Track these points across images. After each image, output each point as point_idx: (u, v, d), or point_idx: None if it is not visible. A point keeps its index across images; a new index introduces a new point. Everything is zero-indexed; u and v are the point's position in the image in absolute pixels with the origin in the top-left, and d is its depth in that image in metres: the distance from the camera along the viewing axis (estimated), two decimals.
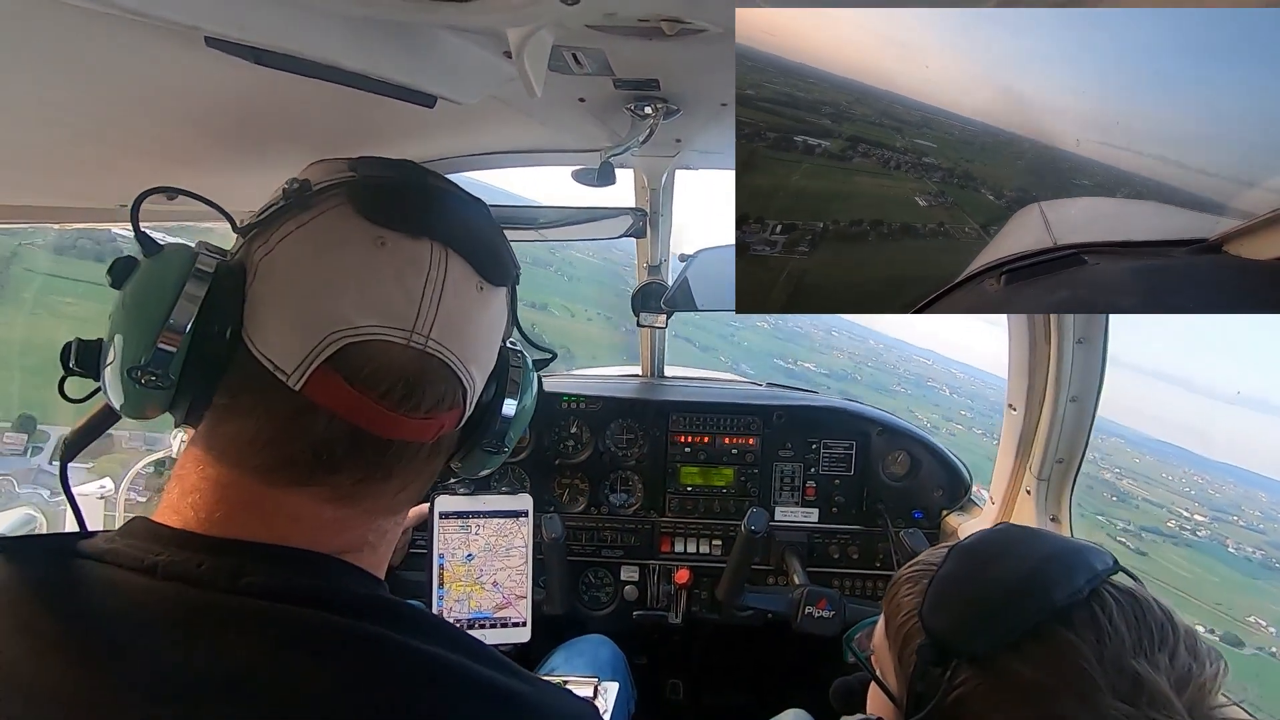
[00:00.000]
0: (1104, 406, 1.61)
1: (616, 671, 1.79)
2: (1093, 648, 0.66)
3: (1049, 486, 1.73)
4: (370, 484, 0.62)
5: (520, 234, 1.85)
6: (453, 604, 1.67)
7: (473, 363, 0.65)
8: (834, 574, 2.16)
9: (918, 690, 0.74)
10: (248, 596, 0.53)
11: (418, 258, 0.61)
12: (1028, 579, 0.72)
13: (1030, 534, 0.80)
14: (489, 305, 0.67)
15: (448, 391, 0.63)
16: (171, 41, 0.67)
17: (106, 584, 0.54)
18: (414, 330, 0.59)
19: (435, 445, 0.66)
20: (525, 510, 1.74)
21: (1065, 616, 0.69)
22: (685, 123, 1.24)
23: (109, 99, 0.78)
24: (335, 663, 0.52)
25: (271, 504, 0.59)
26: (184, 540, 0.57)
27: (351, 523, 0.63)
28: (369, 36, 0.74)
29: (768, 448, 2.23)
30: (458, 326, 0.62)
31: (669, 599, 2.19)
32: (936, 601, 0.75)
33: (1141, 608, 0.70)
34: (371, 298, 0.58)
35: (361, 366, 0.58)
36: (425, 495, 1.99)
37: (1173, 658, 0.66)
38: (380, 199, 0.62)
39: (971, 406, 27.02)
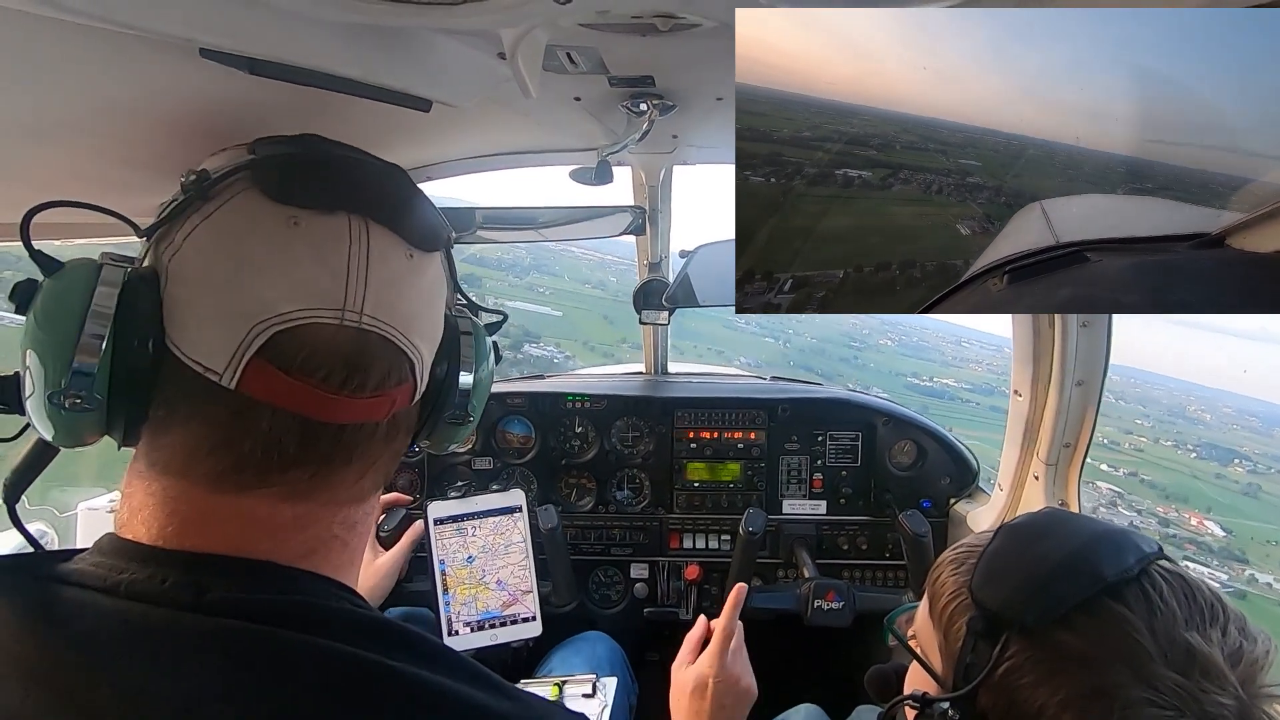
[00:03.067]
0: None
1: (614, 666, 1.79)
2: (1144, 620, 0.66)
3: (1056, 471, 1.73)
4: (328, 475, 0.60)
5: (520, 234, 1.85)
6: (460, 608, 1.68)
7: (415, 334, 0.63)
8: (844, 565, 2.16)
9: (966, 663, 0.73)
10: (210, 615, 0.51)
11: (336, 233, 0.58)
12: (1078, 554, 0.72)
13: (1077, 516, 0.81)
14: (423, 272, 0.64)
15: (393, 366, 0.61)
16: (166, 53, 0.67)
17: (74, 606, 0.52)
18: (345, 308, 0.57)
19: (392, 425, 0.64)
20: (518, 505, 1.73)
21: (1116, 591, 0.69)
22: (681, 118, 1.24)
23: (104, 112, 0.77)
24: (297, 683, 0.50)
25: (225, 512, 0.57)
26: (147, 555, 0.55)
27: (313, 518, 0.60)
28: (362, 43, 0.74)
29: (773, 441, 2.22)
30: (392, 298, 0.60)
31: (679, 595, 2.19)
32: (986, 576, 0.75)
33: (1191, 587, 0.70)
34: (294, 280, 0.56)
35: (295, 353, 0.55)
36: (395, 485, 2.00)
37: (1224, 633, 0.66)
38: (286, 178, 0.59)
39: (1146, 413, 23.19)
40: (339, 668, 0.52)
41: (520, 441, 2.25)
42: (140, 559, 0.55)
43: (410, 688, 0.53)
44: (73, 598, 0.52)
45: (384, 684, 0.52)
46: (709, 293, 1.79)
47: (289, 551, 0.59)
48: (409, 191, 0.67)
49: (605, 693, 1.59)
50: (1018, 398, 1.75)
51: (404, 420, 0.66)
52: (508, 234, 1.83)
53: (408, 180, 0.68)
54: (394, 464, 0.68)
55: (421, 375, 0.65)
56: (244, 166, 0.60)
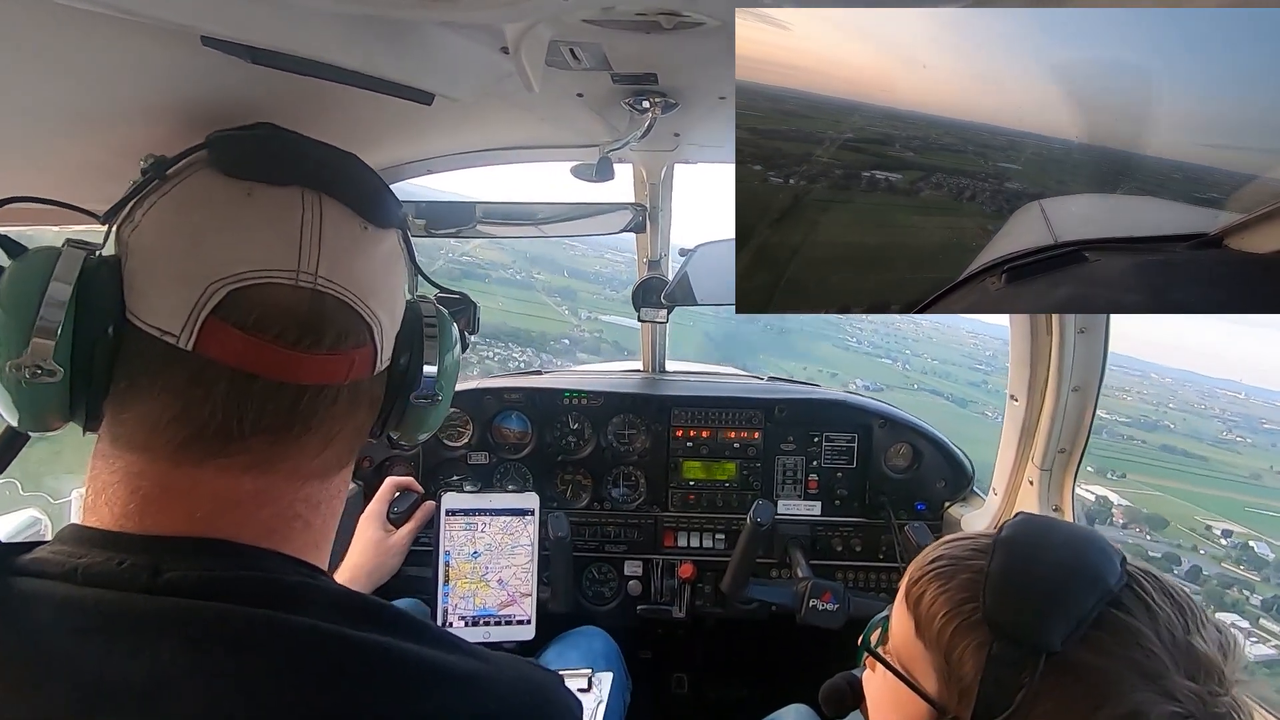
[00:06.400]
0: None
1: (610, 662, 1.80)
2: (1150, 628, 0.66)
3: (1051, 477, 1.73)
4: (287, 443, 0.60)
5: (520, 230, 1.85)
6: (458, 601, 1.68)
7: (373, 301, 0.63)
8: (837, 567, 2.16)
9: (988, 694, 0.70)
10: (167, 595, 0.52)
11: (289, 202, 0.60)
12: (1081, 567, 0.71)
13: (1056, 523, 0.80)
14: (378, 245, 0.65)
15: (349, 328, 0.61)
16: (167, 40, 0.67)
17: (30, 597, 0.52)
18: (300, 269, 0.58)
19: (353, 395, 0.63)
20: (532, 509, 1.74)
21: (1118, 600, 0.69)
22: (684, 117, 1.24)
23: (103, 98, 0.77)
24: (259, 658, 0.51)
25: (186, 485, 0.57)
26: (107, 540, 0.55)
27: (274, 493, 0.60)
28: (365, 34, 0.73)
29: (770, 441, 2.23)
30: (347, 264, 0.61)
31: (673, 593, 2.19)
32: (1000, 599, 0.72)
33: (1165, 585, 0.70)
34: (249, 243, 0.57)
35: (251, 311, 0.56)
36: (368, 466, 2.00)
37: (1207, 629, 0.67)
38: (241, 154, 0.61)
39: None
40: (305, 641, 0.52)
41: (517, 437, 2.25)
42: (100, 544, 0.55)
43: (379, 657, 0.53)
44: (27, 589, 0.52)
45: (352, 655, 0.53)
46: (708, 291, 1.79)
47: (250, 531, 0.59)
48: (362, 171, 0.68)
49: (601, 688, 1.59)
50: (1014, 402, 1.76)
51: (366, 392, 0.66)
52: (507, 229, 1.83)
53: (361, 163, 0.69)
54: (357, 440, 0.68)
55: (382, 345, 0.65)
56: (200, 147, 0.63)
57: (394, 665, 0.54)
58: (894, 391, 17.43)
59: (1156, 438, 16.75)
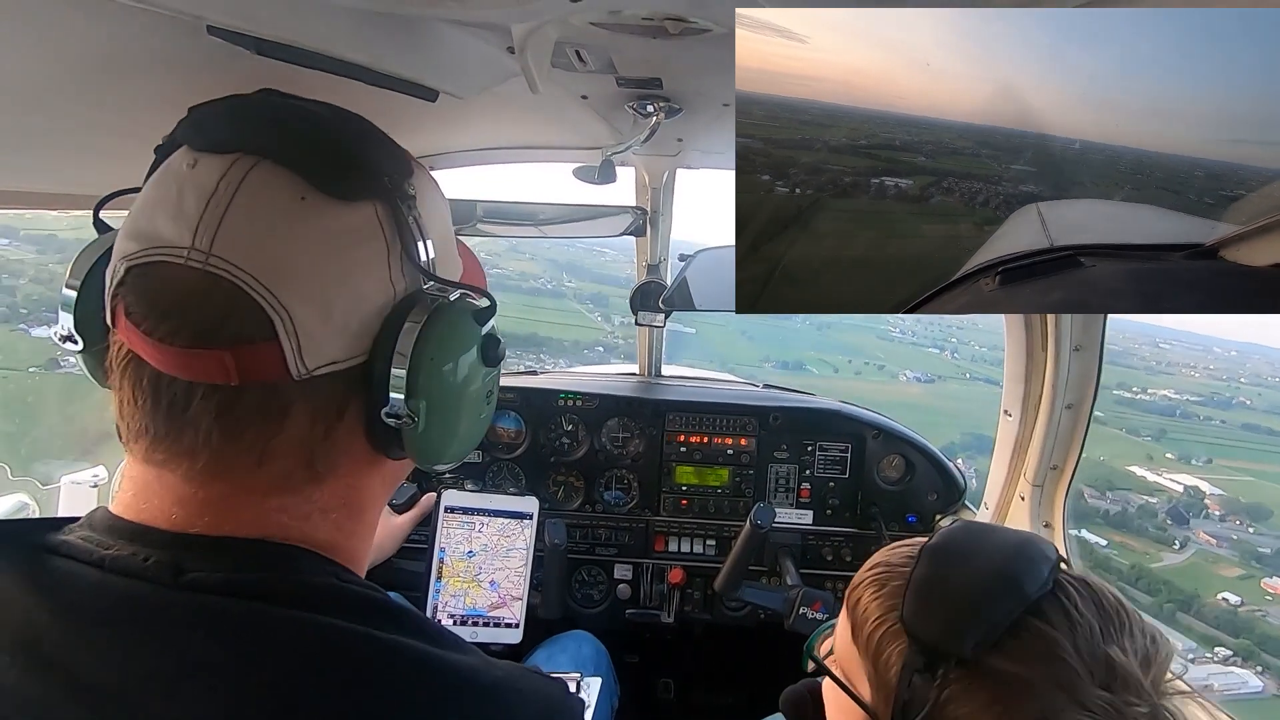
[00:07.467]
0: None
1: (599, 667, 1.79)
2: (1068, 637, 0.67)
3: (1043, 493, 1.74)
4: (219, 450, 0.53)
5: (520, 230, 1.85)
6: (448, 599, 1.67)
7: (286, 285, 0.52)
8: (827, 576, 2.16)
9: (904, 699, 0.73)
10: (191, 592, 0.51)
11: (216, 170, 0.53)
12: (1001, 574, 0.72)
13: (991, 529, 0.81)
14: (319, 218, 0.54)
15: (232, 318, 0.51)
16: (172, 29, 0.67)
17: (62, 576, 0.52)
18: (192, 247, 0.50)
19: (308, 399, 0.55)
20: (531, 513, 1.73)
21: (1038, 609, 0.70)
22: (687, 122, 1.24)
23: (108, 85, 0.77)
24: (283, 657, 0.50)
25: (158, 487, 0.55)
26: (134, 533, 0.54)
27: (239, 502, 0.55)
28: (371, 29, 0.73)
29: (763, 449, 2.23)
30: (257, 241, 0.52)
31: (662, 598, 2.19)
32: (918, 606, 0.74)
33: (1097, 593, 0.71)
34: (156, 216, 0.52)
35: (139, 292, 0.52)
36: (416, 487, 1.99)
37: (1133, 639, 0.68)
38: (198, 123, 0.57)
39: None
40: (328, 641, 0.51)
41: (510, 436, 2.25)
42: (127, 537, 0.54)
43: (402, 658, 0.53)
44: (61, 568, 0.52)
45: (375, 655, 0.52)
46: (707, 297, 1.80)
47: (276, 531, 0.57)
48: (342, 134, 0.58)
49: (589, 693, 1.58)
50: (1007, 417, 1.76)
51: (303, 398, 0.55)
52: (508, 228, 1.83)
53: (357, 127, 0.60)
54: (315, 450, 0.57)
55: (300, 341, 0.53)
56: (183, 119, 0.58)
57: (421, 668, 0.53)
58: (947, 382, 16.91)
59: (1235, 415, 15.43)
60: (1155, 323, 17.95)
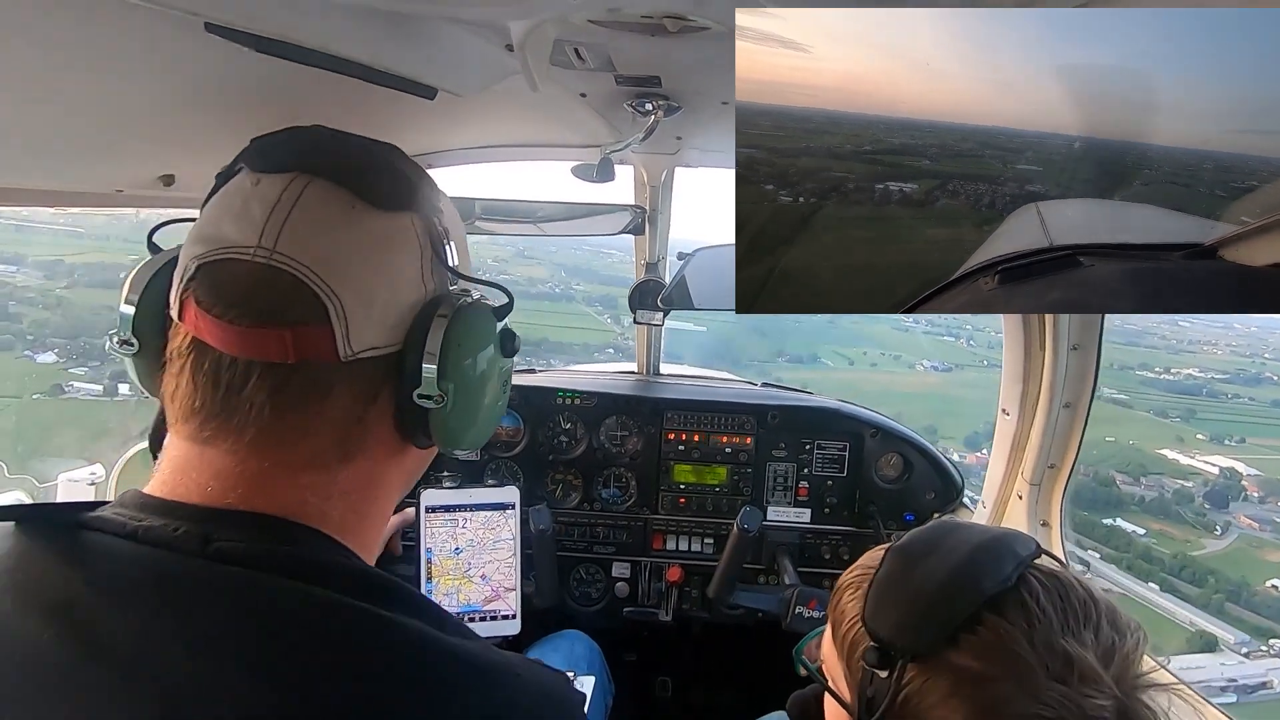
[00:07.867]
0: None
1: (592, 666, 1.79)
2: (1024, 632, 0.68)
3: (1040, 491, 1.74)
4: (266, 426, 0.60)
5: (519, 228, 1.85)
6: (441, 598, 1.67)
7: (339, 277, 0.60)
8: (825, 574, 2.16)
9: (868, 695, 0.75)
10: (217, 562, 0.55)
11: (276, 184, 0.62)
12: (959, 571, 0.74)
13: (962, 526, 0.82)
14: (367, 224, 0.63)
15: (292, 302, 0.59)
16: (171, 26, 0.66)
17: (96, 548, 0.57)
18: (258, 245, 0.60)
19: (349, 382, 0.62)
20: (512, 503, 1.73)
21: (996, 604, 0.71)
22: (686, 120, 1.24)
23: (109, 83, 0.77)
24: (299, 630, 0.54)
25: (199, 462, 0.61)
26: (166, 508, 0.59)
27: (274, 478, 0.61)
28: (370, 26, 0.73)
29: (762, 447, 2.23)
30: (314, 240, 0.61)
31: (660, 596, 2.19)
32: (876, 605, 0.77)
33: (1065, 588, 0.72)
34: (226, 222, 0.61)
35: (209, 285, 0.60)
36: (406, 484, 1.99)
37: (1097, 633, 0.69)
38: (259, 150, 0.66)
39: None
40: (340, 618, 0.55)
41: (509, 435, 2.25)
42: (158, 511, 0.59)
43: (409, 641, 0.56)
44: (95, 542, 0.57)
45: (386, 636, 0.55)
46: (705, 296, 1.80)
47: (294, 510, 0.61)
48: (382, 158, 0.68)
49: (583, 691, 1.59)
50: (1005, 416, 1.77)
51: (347, 379, 0.62)
52: (506, 226, 1.83)
53: (384, 152, 0.69)
54: (350, 430, 0.64)
55: (348, 326, 0.61)
56: (245, 149, 0.66)
57: (427, 651, 0.57)
58: (966, 370, 16.51)
59: (1264, 392, 14.83)
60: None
